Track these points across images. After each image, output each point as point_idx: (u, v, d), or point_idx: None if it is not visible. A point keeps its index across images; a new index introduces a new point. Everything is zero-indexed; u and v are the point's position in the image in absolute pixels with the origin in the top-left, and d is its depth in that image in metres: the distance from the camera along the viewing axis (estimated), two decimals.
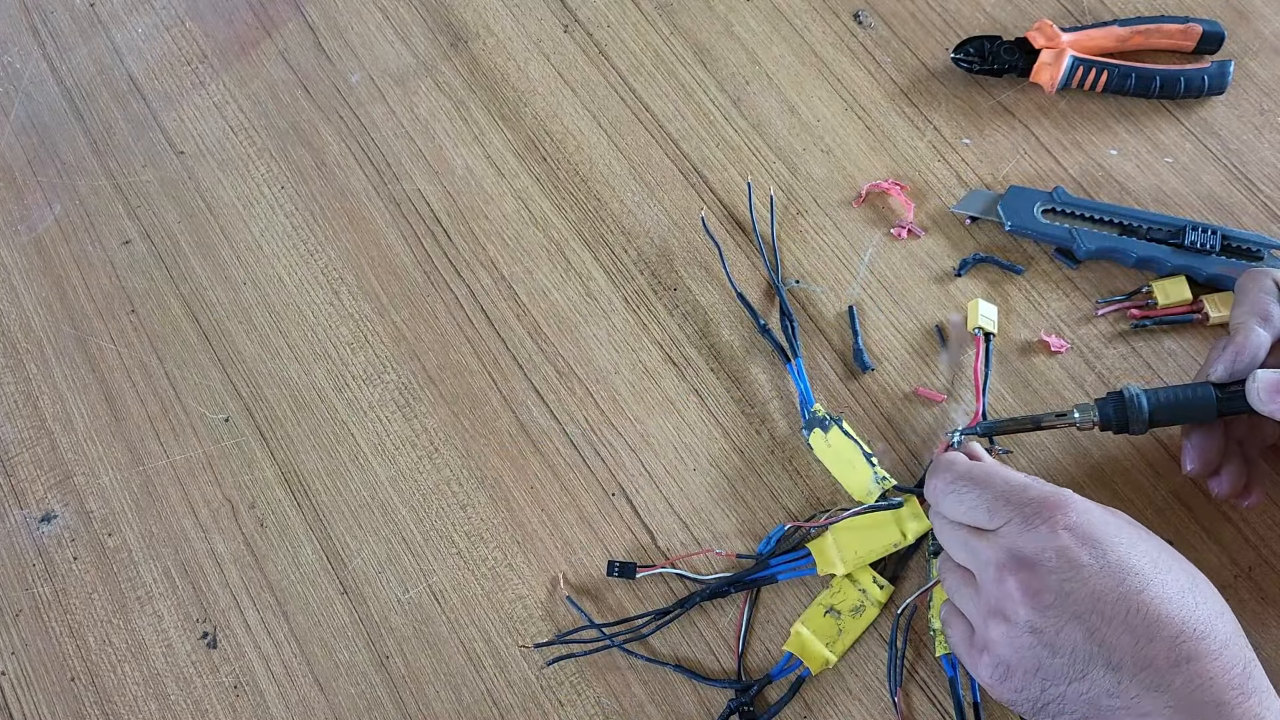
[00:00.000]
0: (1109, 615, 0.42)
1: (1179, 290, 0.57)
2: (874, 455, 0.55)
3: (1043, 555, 0.43)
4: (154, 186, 0.67)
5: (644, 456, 0.58)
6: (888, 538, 0.53)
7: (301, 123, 0.67)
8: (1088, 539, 0.43)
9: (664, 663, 0.53)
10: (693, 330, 0.60)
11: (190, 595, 0.57)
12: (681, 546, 0.56)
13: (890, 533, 0.53)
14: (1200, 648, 0.41)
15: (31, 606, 0.58)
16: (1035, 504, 0.44)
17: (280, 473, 0.59)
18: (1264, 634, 0.51)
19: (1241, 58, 0.63)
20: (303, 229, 0.65)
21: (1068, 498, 0.44)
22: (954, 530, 0.47)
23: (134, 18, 0.72)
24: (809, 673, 0.52)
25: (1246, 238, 0.57)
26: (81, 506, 0.59)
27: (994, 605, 0.44)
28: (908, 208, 0.61)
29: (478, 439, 0.59)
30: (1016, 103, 0.63)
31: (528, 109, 0.66)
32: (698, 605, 0.54)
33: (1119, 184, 0.60)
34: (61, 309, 0.64)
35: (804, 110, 0.65)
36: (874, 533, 0.53)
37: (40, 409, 0.62)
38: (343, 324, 0.62)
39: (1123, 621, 0.41)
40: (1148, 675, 0.41)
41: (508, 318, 0.61)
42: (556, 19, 0.69)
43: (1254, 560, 0.53)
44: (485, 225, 0.64)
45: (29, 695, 0.56)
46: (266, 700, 0.55)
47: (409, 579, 0.57)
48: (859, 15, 0.67)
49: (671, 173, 0.64)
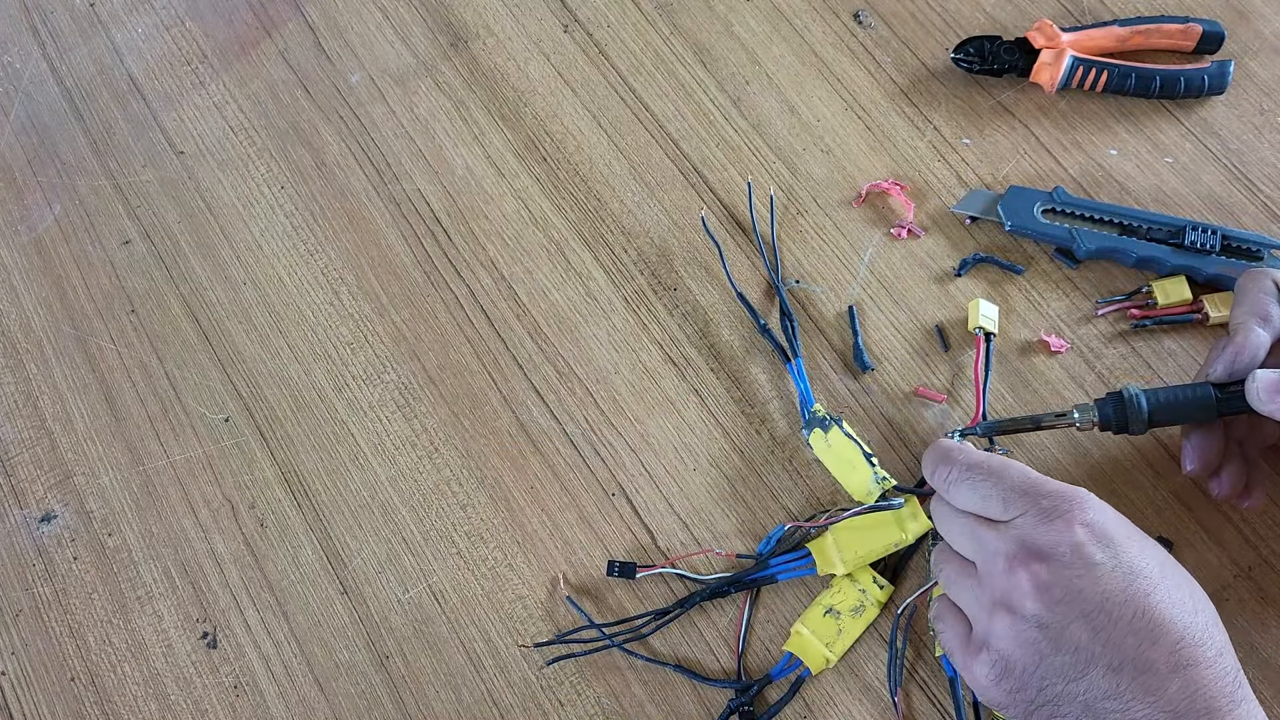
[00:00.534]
0: (1116, 616, 0.41)
1: (1179, 290, 0.57)
2: (874, 455, 0.55)
3: (1057, 550, 0.42)
4: (154, 186, 0.67)
5: (644, 456, 0.58)
6: (888, 537, 0.53)
7: (301, 123, 0.67)
8: (1103, 538, 0.43)
9: (664, 663, 0.53)
10: (693, 330, 0.60)
11: (190, 595, 0.57)
12: (681, 546, 0.56)
13: (890, 532, 0.53)
14: (1197, 655, 0.41)
15: (31, 606, 0.58)
16: (1053, 498, 0.44)
17: (280, 473, 0.59)
18: (1264, 634, 0.51)
19: (1241, 58, 0.63)
20: (303, 229, 0.65)
21: (1085, 495, 0.44)
22: (960, 520, 0.46)
23: (134, 18, 0.72)
24: (809, 673, 0.52)
25: (1246, 237, 0.57)
26: (81, 506, 0.59)
27: (1000, 597, 0.44)
28: (908, 207, 0.61)
29: (478, 439, 0.59)
30: (1016, 102, 0.63)
31: (528, 109, 0.66)
32: (698, 605, 0.54)
33: (1119, 184, 0.60)
34: (61, 309, 0.64)
35: (804, 110, 0.65)
36: (874, 533, 0.53)
37: (40, 409, 0.62)
38: (343, 324, 0.62)
39: (1128, 624, 0.41)
40: (1147, 679, 0.41)
41: (508, 318, 0.61)
42: (556, 19, 0.69)
43: (1254, 560, 0.53)
44: (485, 225, 0.64)
45: (29, 695, 0.56)
46: (266, 700, 0.55)
47: (409, 579, 0.57)
48: (859, 15, 0.67)
49: (671, 173, 0.64)
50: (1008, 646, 0.43)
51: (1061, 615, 0.42)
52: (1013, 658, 0.43)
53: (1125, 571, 0.42)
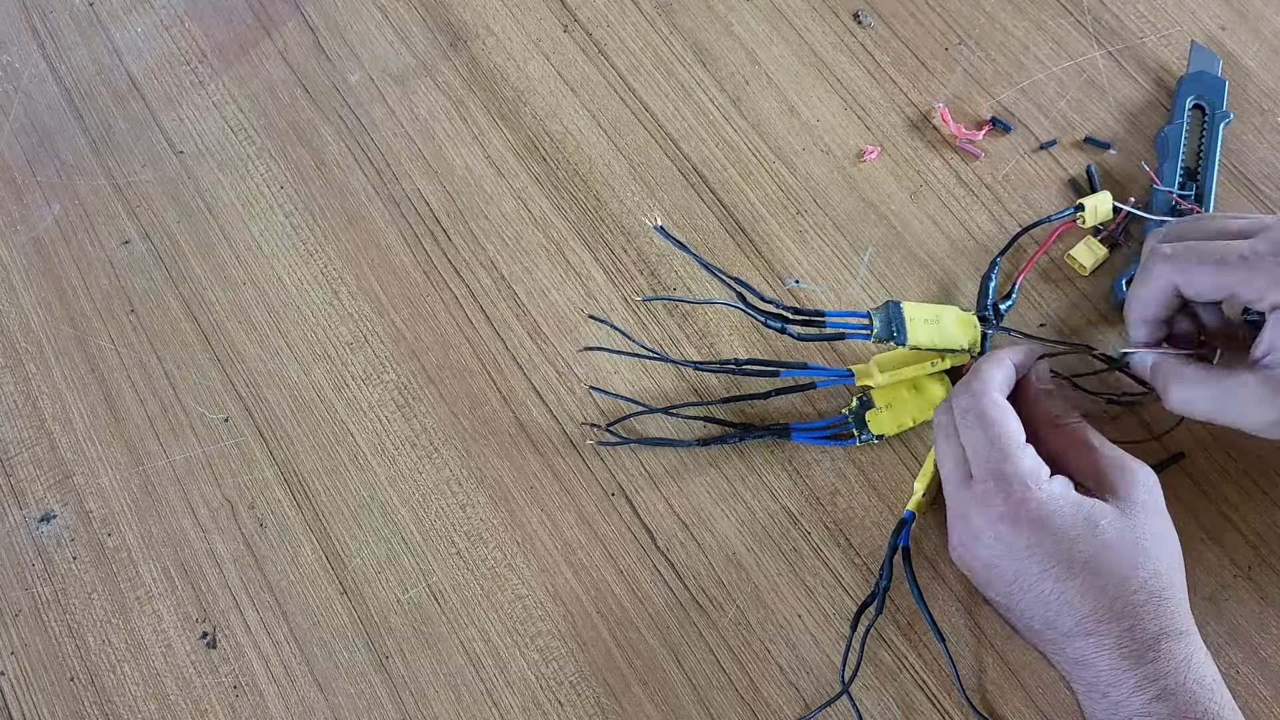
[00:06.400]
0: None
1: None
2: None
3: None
4: (153, 186, 0.67)
5: (643, 457, 0.58)
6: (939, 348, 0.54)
7: (301, 123, 0.67)
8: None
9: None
10: (692, 330, 0.60)
11: (190, 595, 0.57)
12: (681, 546, 0.56)
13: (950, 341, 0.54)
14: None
15: (31, 606, 0.58)
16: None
17: (280, 473, 0.59)
18: (1264, 634, 0.51)
19: (1242, 57, 0.63)
20: (302, 229, 0.65)
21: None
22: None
23: (133, 17, 0.72)
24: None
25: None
26: (81, 506, 0.59)
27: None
28: (957, 130, 0.62)
29: (478, 439, 0.59)
30: (1016, 102, 0.63)
31: (527, 109, 0.66)
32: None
33: (1119, 184, 0.60)
34: (61, 309, 0.64)
35: (804, 110, 0.65)
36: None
37: (40, 409, 0.62)
38: (342, 324, 0.62)
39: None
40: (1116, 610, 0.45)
41: (507, 318, 0.61)
42: (556, 19, 0.69)
43: (1254, 560, 0.53)
44: (485, 225, 0.64)
45: (29, 695, 0.56)
46: (266, 700, 0.55)
47: (408, 579, 0.57)
48: (859, 15, 0.67)
49: (671, 173, 0.64)
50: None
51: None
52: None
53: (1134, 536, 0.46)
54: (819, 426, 0.56)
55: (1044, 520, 0.45)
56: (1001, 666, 0.52)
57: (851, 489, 0.56)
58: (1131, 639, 0.44)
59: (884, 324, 0.53)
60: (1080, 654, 0.45)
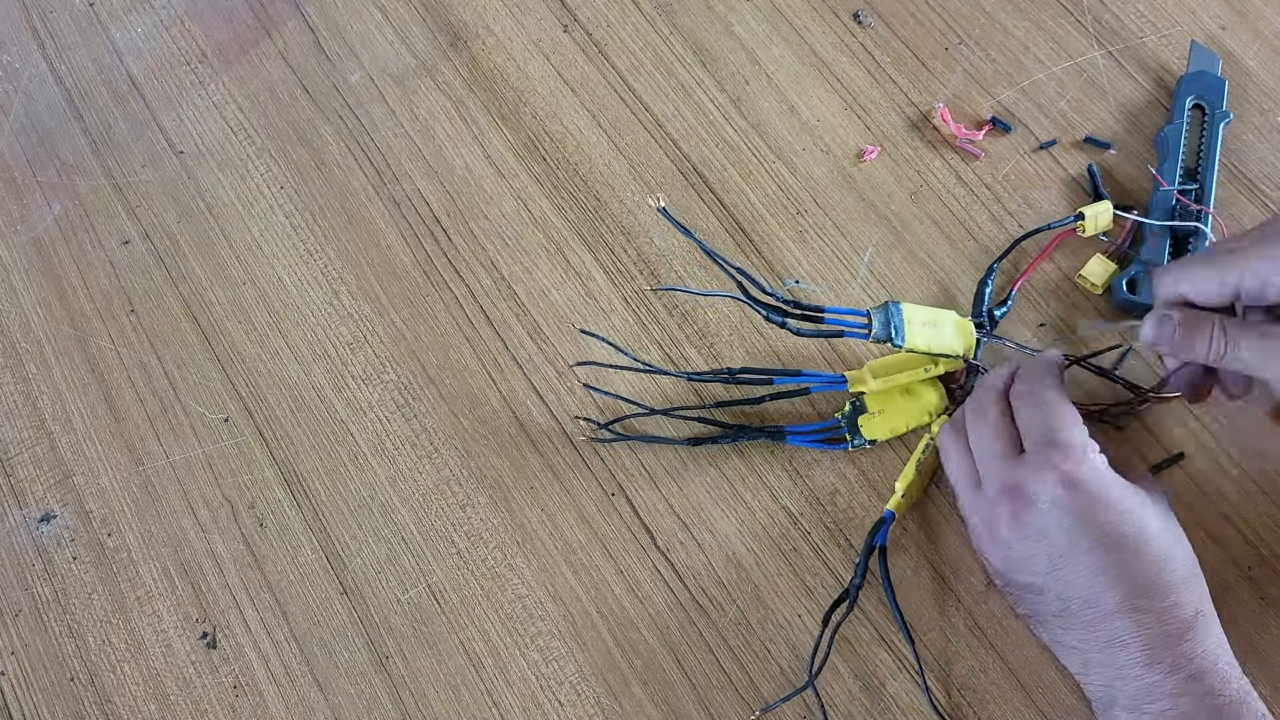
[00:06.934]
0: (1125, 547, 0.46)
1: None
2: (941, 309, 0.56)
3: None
4: (153, 186, 0.67)
5: (643, 456, 0.58)
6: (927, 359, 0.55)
7: (301, 123, 0.67)
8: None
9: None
10: (692, 330, 0.60)
11: (190, 595, 0.57)
12: (681, 546, 0.56)
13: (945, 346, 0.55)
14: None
15: (31, 606, 0.58)
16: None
17: (280, 473, 0.59)
18: (1264, 634, 0.51)
19: (1242, 57, 0.63)
20: (302, 229, 0.65)
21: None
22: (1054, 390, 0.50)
23: (133, 17, 0.72)
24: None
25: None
26: (81, 506, 0.59)
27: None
28: (957, 130, 0.61)
29: (478, 439, 0.59)
30: (1016, 102, 0.63)
31: (527, 109, 0.66)
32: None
33: (1119, 184, 0.60)
34: (61, 309, 0.64)
35: (804, 110, 0.65)
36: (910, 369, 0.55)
37: (40, 409, 0.62)
38: (342, 324, 0.62)
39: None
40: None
41: (507, 318, 0.61)
42: (556, 19, 0.69)
43: (1254, 560, 0.53)
44: (485, 225, 0.64)
45: (29, 695, 0.56)
46: (266, 700, 0.55)
47: (408, 579, 0.57)
48: (859, 15, 0.67)
49: (671, 173, 0.64)
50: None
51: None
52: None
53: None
54: (813, 430, 0.56)
55: (1101, 488, 0.46)
56: (1001, 667, 0.52)
57: (851, 489, 0.56)
58: (1174, 616, 0.44)
59: (882, 325, 0.53)
60: (1116, 634, 0.45)
